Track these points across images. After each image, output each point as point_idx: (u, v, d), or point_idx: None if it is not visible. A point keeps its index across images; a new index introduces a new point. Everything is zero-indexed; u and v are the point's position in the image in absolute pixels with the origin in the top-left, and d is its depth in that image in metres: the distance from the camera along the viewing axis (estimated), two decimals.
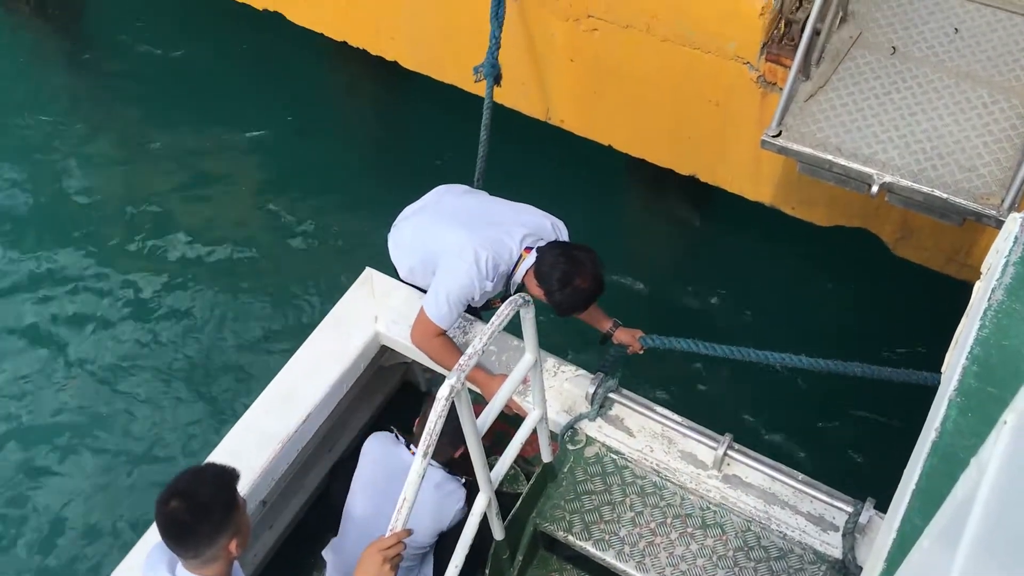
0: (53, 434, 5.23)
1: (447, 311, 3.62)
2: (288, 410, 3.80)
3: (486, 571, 3.56)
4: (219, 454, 3.69)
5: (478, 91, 4.77)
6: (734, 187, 4.88)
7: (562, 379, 3.88)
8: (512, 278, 3.70)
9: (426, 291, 3.74)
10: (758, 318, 5.52)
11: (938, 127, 3.80)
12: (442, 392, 2.51)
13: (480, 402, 3.30)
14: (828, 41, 4.00)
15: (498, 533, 3.31)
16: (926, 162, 3.72)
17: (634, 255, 5.88)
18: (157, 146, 6.49)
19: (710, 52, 4.34)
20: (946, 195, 3.62)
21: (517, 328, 2.98)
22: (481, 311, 4.11)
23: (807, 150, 3.81)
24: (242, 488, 2.78)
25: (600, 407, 3.77)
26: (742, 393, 5.23)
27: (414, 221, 3.91)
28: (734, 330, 5.40)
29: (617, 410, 3.81)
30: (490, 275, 3.60)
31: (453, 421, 2.83)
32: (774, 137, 3.84)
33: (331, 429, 4.11)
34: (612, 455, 3.72)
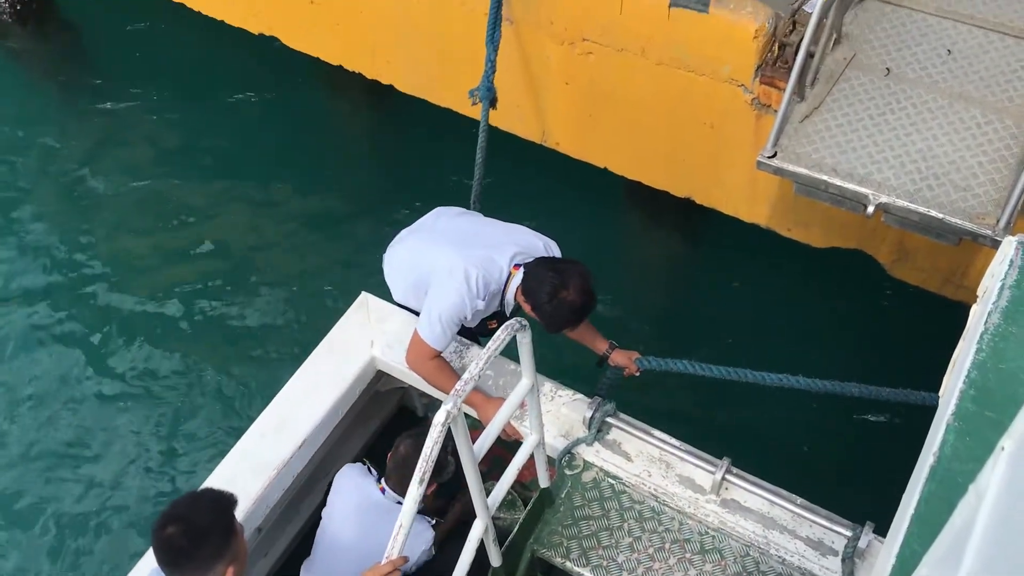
0: (46, 459, 5.21)
1: (440, 332, 3.61)
2: (283, 436, 3.78)
3: None
4: (214, 480, 3.65)
5: (474, 114, 4.78)
6: (729, 209, 4.89)
7: (559, 403, 3.86)
8: (505, 297, 3.69)
9: (419, 314, 3.73)
10: (755, 339, 5.50)
11: (933, 147, 3.81)
12: (438, 418, 2.49)
13: (477, 427, 3.28)
14: (822, 63, 4.01)
15: (495, 560, 3.28)
16: (921, 182, 3.72)
17: (630, 276, 5.88)
18: (151, 170, 6.50)
19: (705, 75, 4.35)
20: (942, 215, 3.63)
21: (515, 351, 2.96)
22: (479, 336, 4.10)
23: (803, 171, 3.81)
24: (238, 515, 2.76)
25: (598, 431, 3.75)
26: (739, 415, 5.20)
27: (407, 243, 3.91)
28: (731, 351, 5.38)
29: (615, 434, 3.78)
30: (481, 293, 3.59)
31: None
32: (770, 158, 3.85)
33: (327, 455, 4.08)
34: (610, 480, 3.70)
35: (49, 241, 6.15)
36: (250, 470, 3.69)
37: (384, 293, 4.06)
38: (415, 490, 2.54)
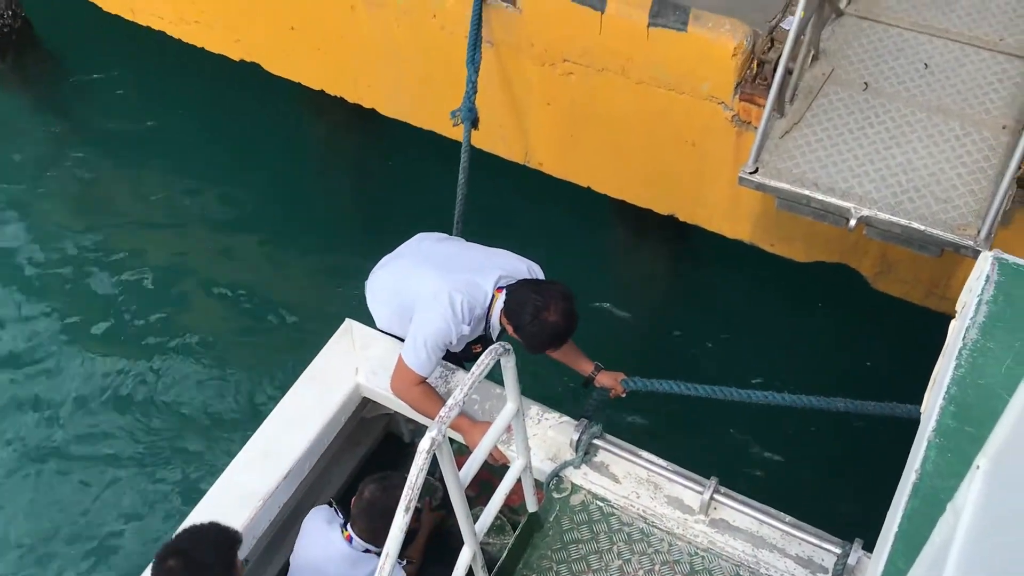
0: (35, 490, 5.16)
1: (425, 358, 3.59)
2: (269, 466, 3.75)
3: None
4: (200, 511, 3.62)
5: (457, 136, 4.79)
6: (712, 225, 4.89)
7: (546, 426, 3.84)
8: (490, 321, 3.68)
9: (404, 340, 3.72)
10: (740, 356, 5.50)
11: (913, 160, 3.82)
12: (423, 445, 2.47)
13: (464, 452, 3.25)
14: (801, 79, 4.03)
15: None
16: (902, 195, 3.73)
17: (615, 296, 5.87)
18: (130, 199, 6.49)
19: (684, 93, 4.37)
20: (924, 227, 3.64)
21: (500, 375, 2.95)
22: (463, 360, 4.08)
23: (784, 186, 3.82)
24: None
25: (585, 454, 3.73)
26: (726, 433, 5.19)
27: (390, 268, 3.90)
28: (716, 369, 5.38)
29: (602, 456, 3.77)
30: (466, 318, 3.57)
31: (386, 500, 2.78)
32: (751, 174, 3.85)
33: (314, 483, 4.05)
34: (598, 502, 3.68)
35: (29, 274, 6.12)
36: (236, 500, 3.65)
37: (368, 319, 4.04)
38: (400, 519, 2.51)
